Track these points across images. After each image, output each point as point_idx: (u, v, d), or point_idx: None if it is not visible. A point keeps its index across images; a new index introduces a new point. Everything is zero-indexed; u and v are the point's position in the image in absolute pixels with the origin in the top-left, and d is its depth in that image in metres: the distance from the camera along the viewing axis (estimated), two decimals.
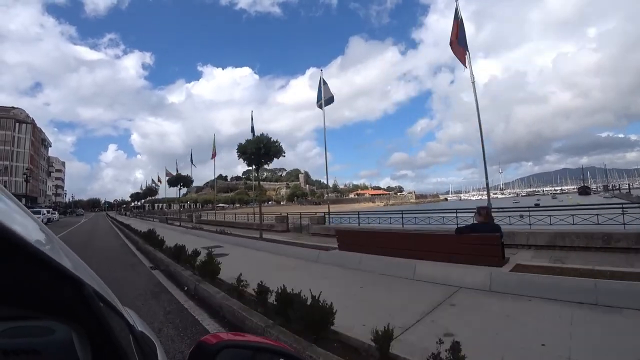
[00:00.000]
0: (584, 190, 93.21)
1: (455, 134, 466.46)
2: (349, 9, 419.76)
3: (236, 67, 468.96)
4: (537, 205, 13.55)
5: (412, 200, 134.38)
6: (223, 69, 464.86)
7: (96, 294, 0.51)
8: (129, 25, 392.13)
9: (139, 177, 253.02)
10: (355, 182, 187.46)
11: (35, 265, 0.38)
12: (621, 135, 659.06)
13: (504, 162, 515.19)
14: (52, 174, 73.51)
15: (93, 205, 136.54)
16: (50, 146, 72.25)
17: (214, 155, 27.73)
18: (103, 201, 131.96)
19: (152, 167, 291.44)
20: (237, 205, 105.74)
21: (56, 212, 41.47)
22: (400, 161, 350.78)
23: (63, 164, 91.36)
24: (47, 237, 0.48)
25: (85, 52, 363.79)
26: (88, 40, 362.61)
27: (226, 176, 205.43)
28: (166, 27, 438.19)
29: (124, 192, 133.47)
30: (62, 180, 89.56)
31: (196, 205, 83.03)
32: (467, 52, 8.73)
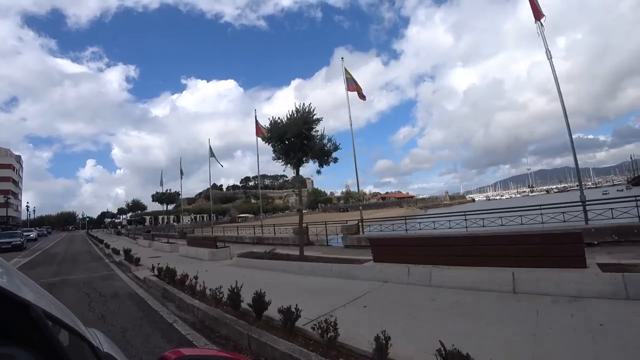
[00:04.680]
0: None
1: (437, 140, 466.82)
2: (334, 22, 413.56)
3: (221, 79, 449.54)
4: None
5: (445, 202, 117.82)
6: (208, 82, 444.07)
7: (49, 316, 0.50)
8: (112, 38, 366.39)
9: (120, 193, 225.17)
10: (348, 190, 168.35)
11: None
12: (591, 136, 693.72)
13: (484, 166, 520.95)
14: None
15: (66, 221, 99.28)
16: None
17: None
18: (81, 216, 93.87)
19: (134, 181, 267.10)
20: (251, 216, 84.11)
21: None
22: (385, 168, 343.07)
23: (18, 158, 60.49)
24: None
25: (66, 65, 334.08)
26: (69, 53, 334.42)
27: (221, 185, 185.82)
28: (151, 40, 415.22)
29: (103, 209, 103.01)
30: (17, 183, 59.68)
31: (210, 217, 59.77)
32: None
